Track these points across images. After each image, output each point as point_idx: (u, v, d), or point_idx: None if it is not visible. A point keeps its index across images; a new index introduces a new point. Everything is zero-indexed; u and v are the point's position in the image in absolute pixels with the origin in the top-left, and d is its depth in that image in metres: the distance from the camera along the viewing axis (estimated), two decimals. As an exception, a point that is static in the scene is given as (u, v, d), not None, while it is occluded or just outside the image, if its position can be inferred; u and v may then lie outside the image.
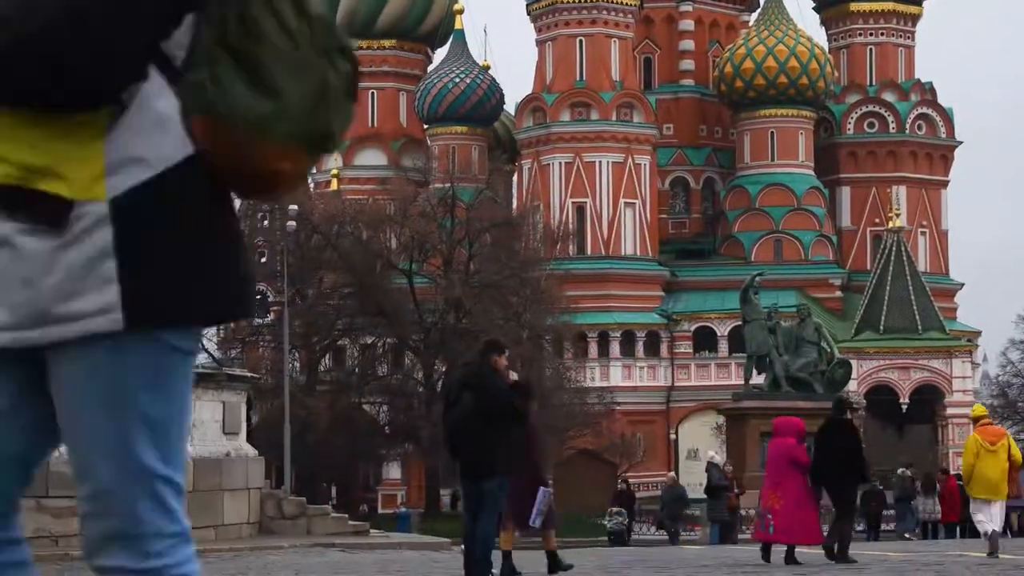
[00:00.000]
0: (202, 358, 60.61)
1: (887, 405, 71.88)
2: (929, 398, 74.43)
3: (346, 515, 26.84)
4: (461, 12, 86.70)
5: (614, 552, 24.74)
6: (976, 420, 19.24)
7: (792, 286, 75.61)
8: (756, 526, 17.52)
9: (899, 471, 39.59)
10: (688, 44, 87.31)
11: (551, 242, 70.13)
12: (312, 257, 62.82)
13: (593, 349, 76.18)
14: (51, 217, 2.25)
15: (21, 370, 2.33)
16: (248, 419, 24.89)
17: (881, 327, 74.45)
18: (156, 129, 2.29)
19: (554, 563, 14.28)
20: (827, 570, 15.56)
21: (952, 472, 44.38)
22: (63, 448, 2.36)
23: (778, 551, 16.44)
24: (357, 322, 62.86)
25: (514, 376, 13.22)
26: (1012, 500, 19.53)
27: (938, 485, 36.25)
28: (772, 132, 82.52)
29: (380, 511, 67.42)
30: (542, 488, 14.08)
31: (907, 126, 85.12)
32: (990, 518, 17.84)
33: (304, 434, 55.70)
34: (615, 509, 37.38)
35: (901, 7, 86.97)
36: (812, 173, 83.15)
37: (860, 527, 38.65)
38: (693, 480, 64.82)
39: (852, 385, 62.00)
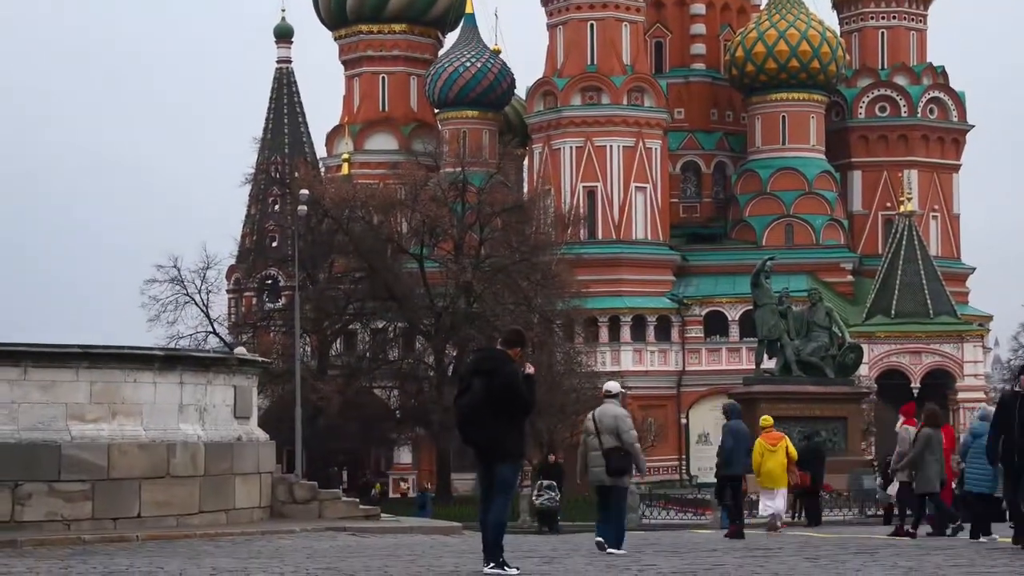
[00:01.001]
0: (213, 342, 60.76)
1: (898, 390, 71.78)
2: (941, 383, 74.33)
3: (357, 499, 26.89)
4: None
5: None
6: (763, 428, 26.15)
7: (803, 270, 75.57)
8: None
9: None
10: (699, 28, 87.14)
11: (562, 226, 70.09)
12: (323, 241, 62.87)
13: (604, 333, 76.18)
14: None
15: None
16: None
17: (892, 311, 74.35)
18: None
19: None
20: (844, 555, 15.55)
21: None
22: (75, 432, 2.37)
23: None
24: (368, 306, 62.91)
25: (529, 369, 13.24)
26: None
27: None
28: (783, 116, 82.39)
29: (391, 495, 67.59)
30: None
31: (919, 110, 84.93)
32: (773, 503, 24.74)
33: (315, 418, 55.85)
34: (546, 483, 30.01)
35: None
36: (823, 157, 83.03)
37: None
38: (704, 464, 64.93)
39: (863, 370, 61.96)
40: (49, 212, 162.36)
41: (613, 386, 17.48)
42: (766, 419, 26.86)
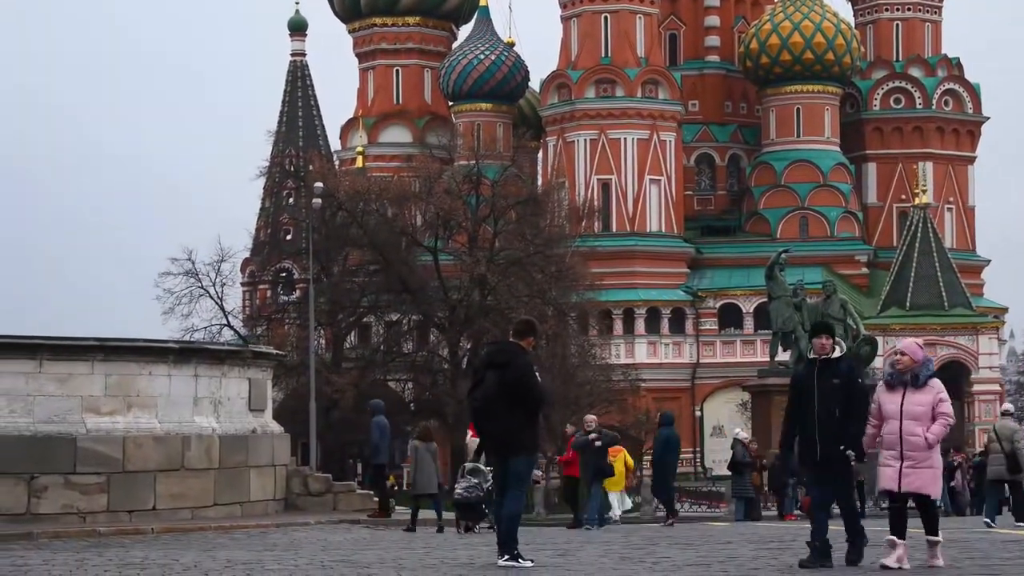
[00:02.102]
0: (228, 335, 60.79)
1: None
2: (956, 375, 74.23)
3: (371, 492, 26.91)
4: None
5: (635, 529, 24.69)
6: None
7: (818, 263, 75.47)
8: None
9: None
10: (713, 20, 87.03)
11: (576, 219, 70.02)
12: (337, 234, 62.83)
13: (618, 326, 76.18)
14: None
15: None
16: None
17: (907, 304, 74.27)
18: None
19: None
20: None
21: (976, 450, 44.30)
22: (91, 425, 2.38)
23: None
24: (382, 299, 62.90)
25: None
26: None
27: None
28: (798, 108, 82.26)
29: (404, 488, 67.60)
30: None
31: (934, 102, 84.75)
32: (619, 503, 29.71)
33: (330, 411, 55.85)
34: (469, 466, 20.85)
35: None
36: (838, 149, 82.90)
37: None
38: (719, 457, 64.93)
39: (878, 362, 61.83)
40: (62, 206, 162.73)
41: (1009, 407, 25.96)
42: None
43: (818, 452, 12.84)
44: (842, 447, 12.75)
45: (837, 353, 13.10)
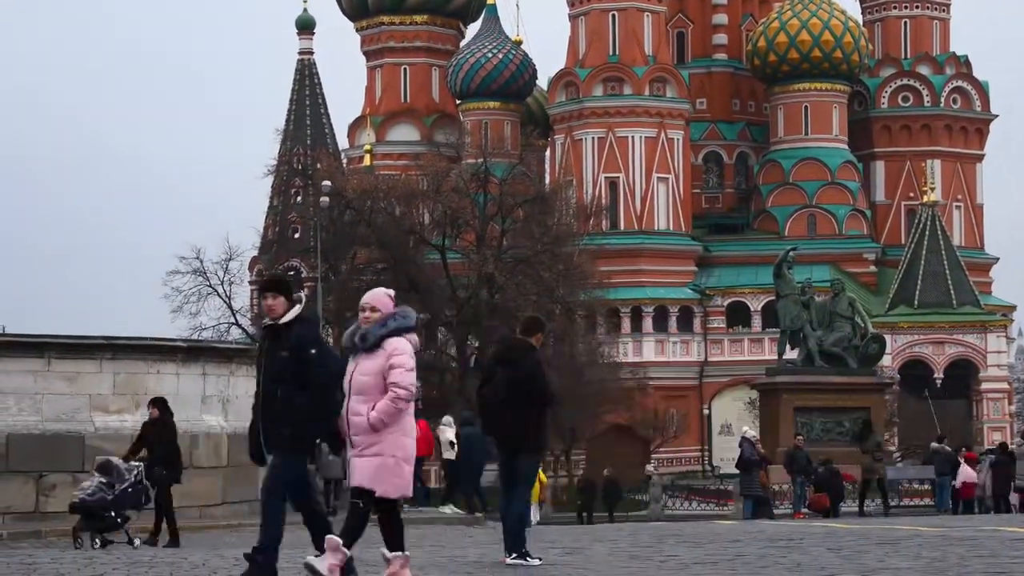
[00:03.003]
0: (236, 333, 60.85)
1: (921, 380, 71.65)
2: (963, 373, 74.16)
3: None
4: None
5: (643, 527, 24.68)
6: None
7: (826, 261, 75.44)
8: None
9: (932, 445, 39.51)
10: (721, 18, 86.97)
11: (584, 217, 70.03)
12: (345, 233, 62.89)
13: (626, 324, 76.15)
14: None
15: None
16: None
17: (915, 302, 74.22)
18: None
19: None
20: (866, 546, 15.54)
21: (987, 447, 44.29)
22: (99, 423, 2.38)
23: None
24: (390, 298, 62.92)
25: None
26: None
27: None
28: (806, 106, 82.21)
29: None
30: None
31: (942, 99, 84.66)
32: (536, 512, 28.92)
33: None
34: (100, 459, 17.55)
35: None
36: (846, 147, 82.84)
37: None
38: (727, 455, 64.95)
39: (886, 360, 61.82)
40: (71, 206, 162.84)
41: None
42: None
43: (257, 444, 10.29)
44: (316, 438, 10.16)
45: (292, 315, 10.02)
